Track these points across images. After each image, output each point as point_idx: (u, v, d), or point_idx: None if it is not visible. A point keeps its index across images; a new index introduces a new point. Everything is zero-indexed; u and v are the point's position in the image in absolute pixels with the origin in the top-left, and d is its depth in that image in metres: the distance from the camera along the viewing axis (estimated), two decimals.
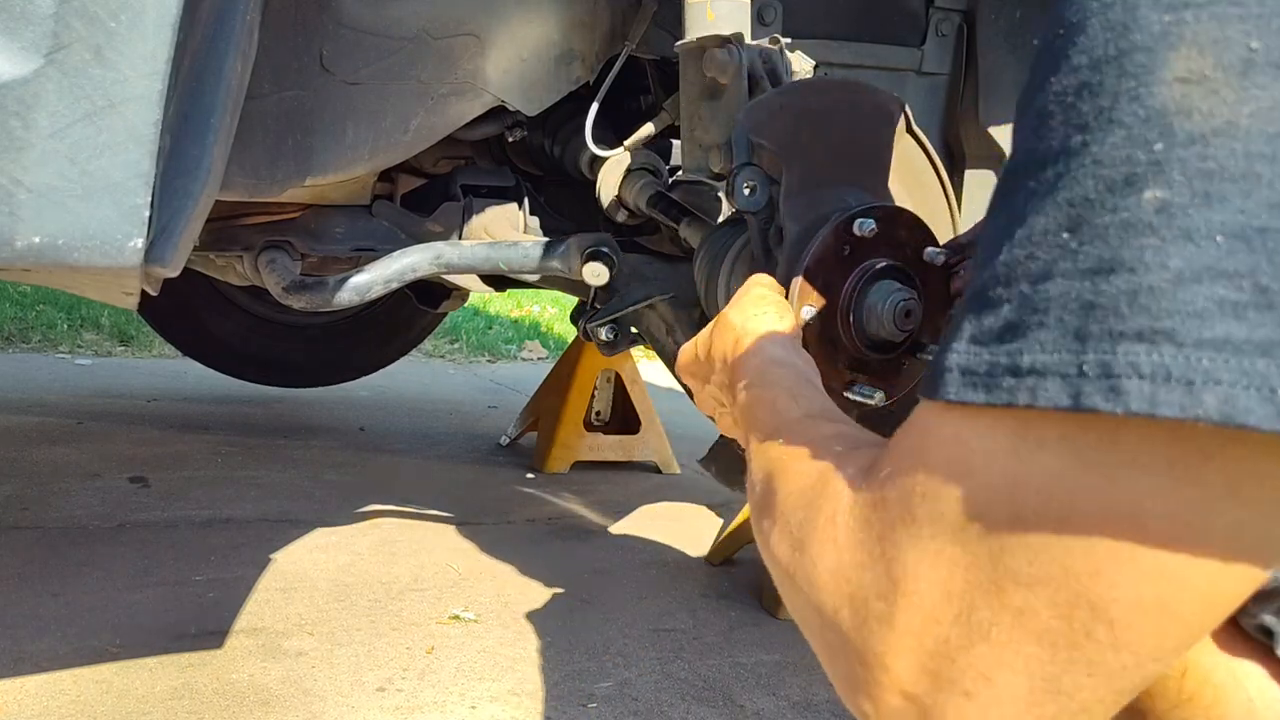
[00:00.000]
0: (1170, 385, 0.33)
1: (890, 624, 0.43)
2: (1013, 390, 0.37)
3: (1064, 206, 0.37)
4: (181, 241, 0.85)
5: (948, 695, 0.41)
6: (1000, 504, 0.39)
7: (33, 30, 0.75)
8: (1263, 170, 0.32)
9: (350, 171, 1.36)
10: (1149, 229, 0.34)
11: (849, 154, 1.08)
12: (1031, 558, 0.38)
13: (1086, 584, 0.37)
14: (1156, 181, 0.34)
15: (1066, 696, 0.39)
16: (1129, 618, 0.37)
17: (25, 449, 2.63)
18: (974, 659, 0.40)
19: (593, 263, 1.43)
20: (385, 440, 3.08)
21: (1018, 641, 0.39)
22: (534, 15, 1.40)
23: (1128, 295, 0.34)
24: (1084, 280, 0.36)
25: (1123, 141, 0.35)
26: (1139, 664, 0.38)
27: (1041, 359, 0.36)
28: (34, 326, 4.25)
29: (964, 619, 0.40)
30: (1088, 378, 0.35)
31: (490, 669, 1.63)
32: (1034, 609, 0.38)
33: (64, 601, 1.73)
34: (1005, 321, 0.38)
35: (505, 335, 5.45)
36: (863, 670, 0.44)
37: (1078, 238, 0.36)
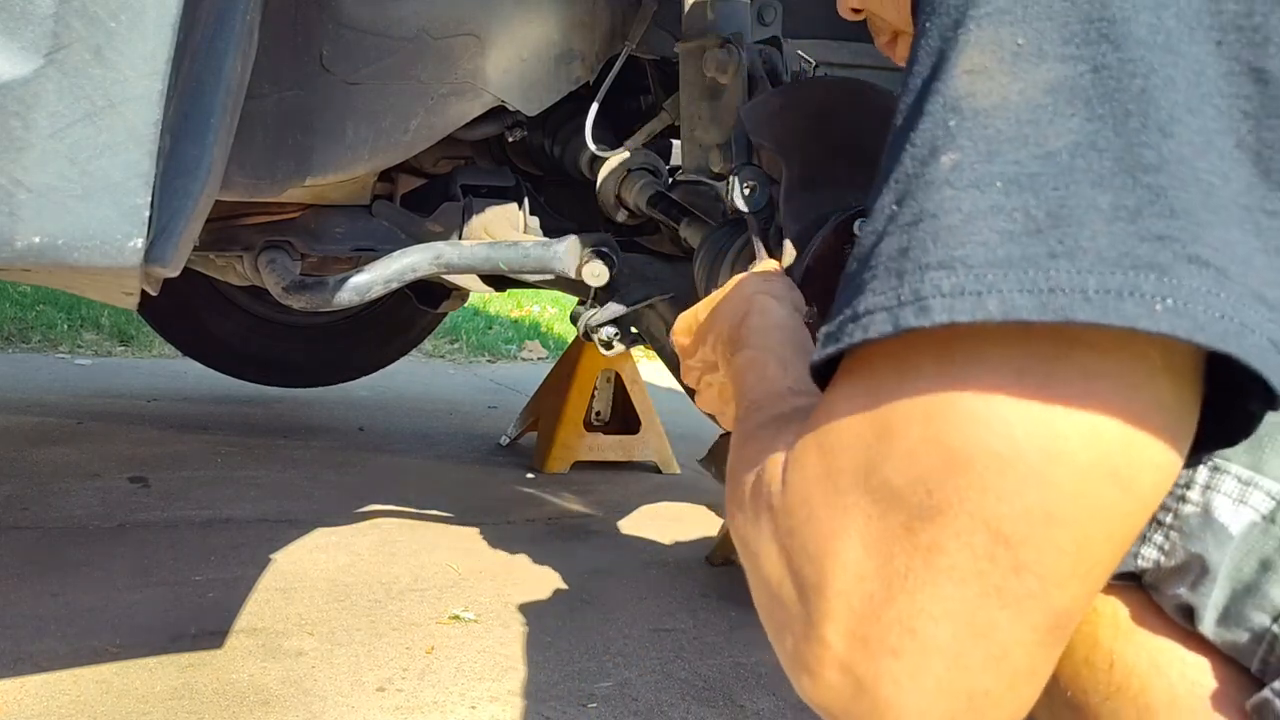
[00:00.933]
0: (964, 297, 0.39)
1: (821, 590, 0.44)
2: (851, 333, 0.43)
3: (892, 186, 0.44)
4: (181, 241, 0.85)
5: (878, 658, 0.42)
6: (887, 444, 0.42)
7: (32, 30, 0.75)
8: (1029, 131, 0.40)
9: (350, 171, 1.36)
10: (946, 183, 0.41)
11: (849, 154, 1.08)
12: (929, 489, 0.41)
13: (977, 503, 0.40)
14: (951, 148, 0.42)
15: (985, 638, 0.41)
16: (1022, 532, 0.39)
17: (25, 449, 2.63)
18: (897, 612, 0.41)
19: (593, 263, 1.43)
20: (385, 440, 3.08)
21: (932, 583, 0.41)
22: (534, 15, 1.40)
23: (931, 235, 0.41)
24: (902, 234, 0.42)
25: (929, 125, 0.43)
26: (1044, 589, 0.40)
27: (872, 301, 0.42)
28: (34, 326, 4.25)
29: (883, 570, 0.42)
30: (904, 305, 0.41)
31: (490, 669, 1.63)
32: (940, 544, 0.40)
33: (64, 601, 1.73)
34: (851, 288, 0.44)
35: (505, 335, 5.45)
36: (803, 645, 0.45)
37: (900, 205, 0.43)
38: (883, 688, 0.42)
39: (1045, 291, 0.38)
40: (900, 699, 0.42)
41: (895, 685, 0.42)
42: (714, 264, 1.24)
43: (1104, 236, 0.38)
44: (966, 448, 0.40)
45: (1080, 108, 0.40)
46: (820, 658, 0.44)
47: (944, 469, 0.40)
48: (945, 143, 0.42)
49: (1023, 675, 0.42)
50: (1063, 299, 0.38)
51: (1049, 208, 0.39)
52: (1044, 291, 0.38)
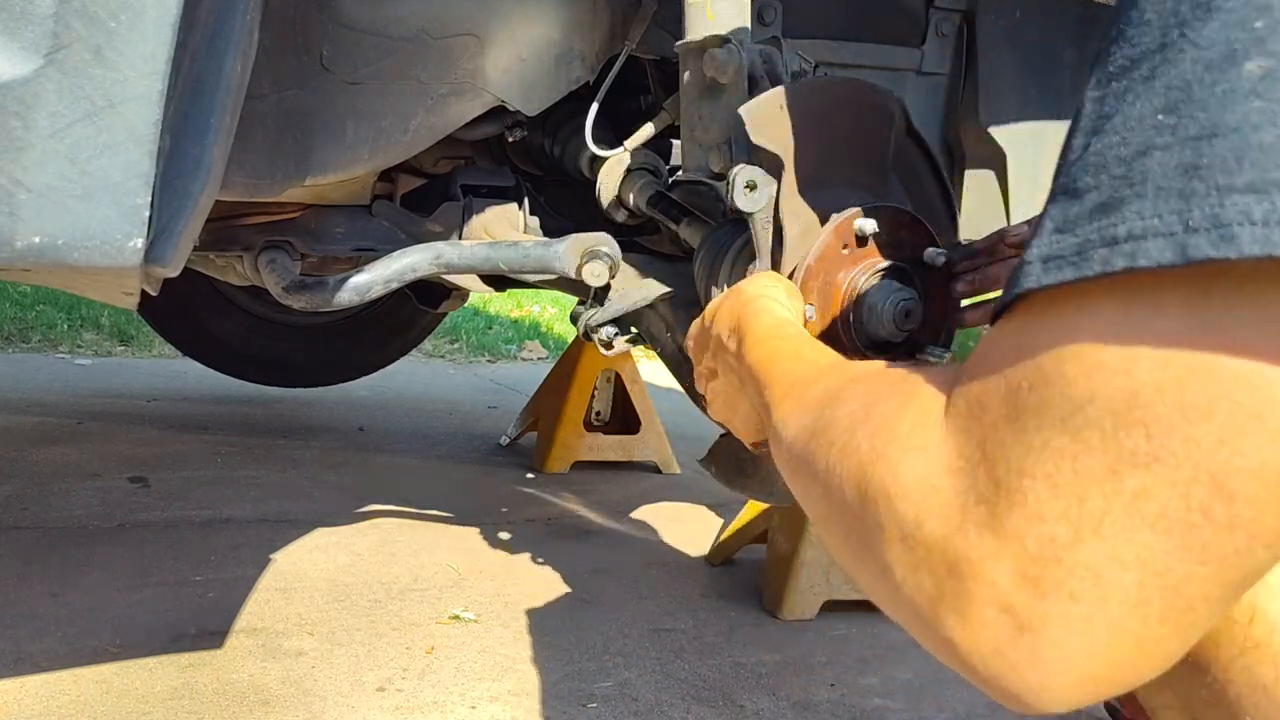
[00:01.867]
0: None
1: (990, 528, 0.41)
2: (1107, 259, 0.37)
3: (1160, 92, 0.37)
4: (181, 241, 0.85)
5: (1051, 601, 0.39)
6: (1113, 381, 0.38)
7: (32, 30, 0.75)
8: None
9: (350, 171, 1.36)
10: (1254, 94, 0.35)
11: (849, 154, 1.08)
12: (1150, 433, 0.37)
13: (1208, 454, 0.36)
14: (1259, 53, 0.35)
15: (1174, 592, 0.38)
16: (1250, 489, 0.36)
17: (25, 449, 2.63)
18: (1083, 556, 0.39)
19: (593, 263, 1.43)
20: (385, 440, 3.08)
21: (1131, 529, 0.38)
22: (534, 15, 1.39)
23: (1235, 153, 0.35)
24: (1185, 148, 0.36)
25: (1222, 26, 0.36)
26: (1250, 549, 0.37)
27: (1140, 224, 0.37)
28: (34, 326, 4.25)
29: (1073, 513, 0.39)
30: (1195, 231, 0.35)
31: (490, 669, 1.63)
32: (1150, 491, 0.37)
33: (64, 601, 1.73)
34: (1095, 204, 0.38)
35: (505, 335, 5.45)
36: (952, 583, 0.42)
37: (1175, 114, 0.37)
38: (1050, 630, 0.40)
39: None
40: (1068, 642, 0.40)
41: (1066, 628, 0.40)
42: (714, 264, 1.24)
43: None
44: (1210, 398, 0.36)
45: None
46: (977, 596, 0.41)
47: (1176, 414, 0.37)
48: (1250, 47, 0.36)
49: (1199, 627, 0.40)
50: None
51: None
52: None
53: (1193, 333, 0.37)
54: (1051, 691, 0.41)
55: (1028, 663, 0.41)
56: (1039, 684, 0.41)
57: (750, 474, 1.26)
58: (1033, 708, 0.42)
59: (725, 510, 2.56)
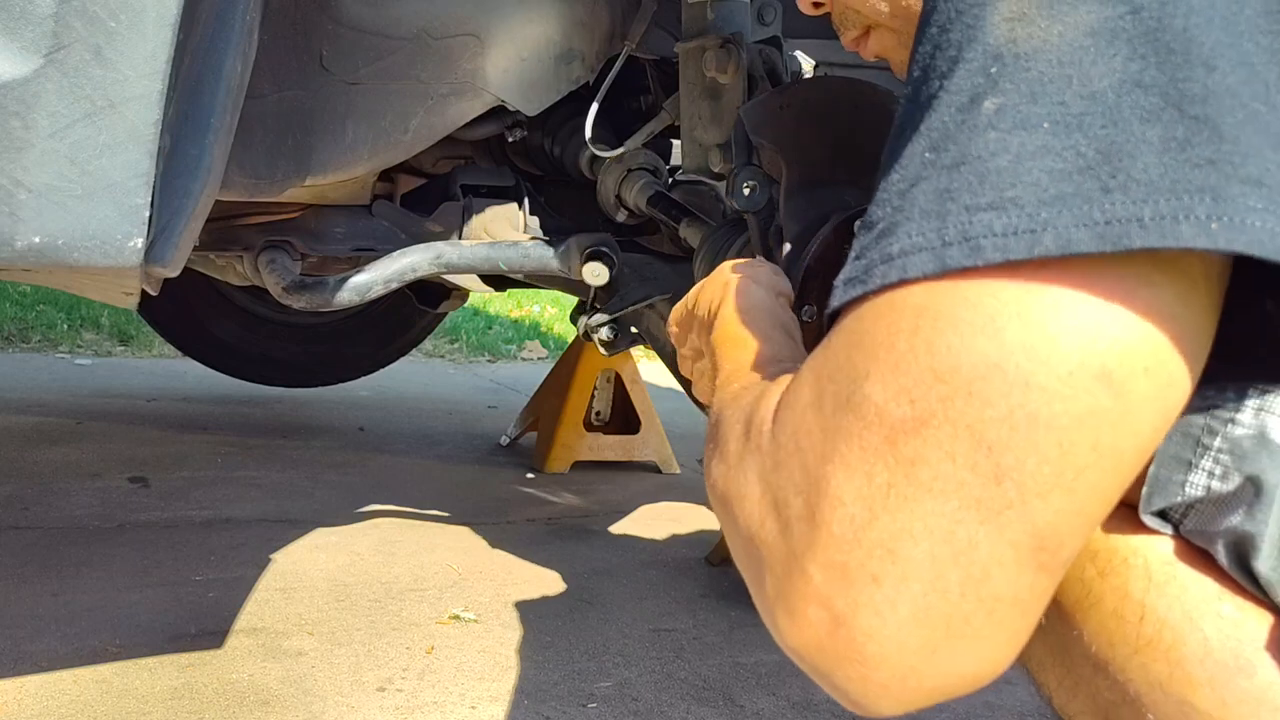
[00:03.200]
0: (1018, 236, 0.39)
1: (807, 519, 0.43)
2: (885, 274, 0.42)
3: (924, 134, 0.44)
4: (182, 241, 0.85)
5: (856, 587, 0.41)
6: (880, 355, 0.42)
7: (32, 30, 0.75)
8: (1072, 73, 0.41)
9: (350, 171, 1.36)
10: (991, 126, 0.41)
11: (849, 154, 1.08)
12: (912, 398, 0.41)
13: (960, 409, 0.40)
14: (994, 93, 0.42)
15: (965, 557, 0.40)
16: (1004, 437, 0.39)
17: (25, 449, 2.63)
18: (877, 533, 0.41)
19: (593, 263, 1.43)
20: (385, 440, 3.08)
21: (914, 498, 0.40)
22: (534, 15, 1.39)
23: (978, 177, 0.41)
24: (941, 176, 0.42)
25: (967, 73, 0.43)
26: (1023, 498, 0.40)
27: (909, 242, 0.42)
28: (34, 326, 4.25)
29: (865, 491, 0.41)
30: (950, 245, 0.41)
31: (490, 669, 1.63)
32: (922, 455, 0.40)
33: (63, 601, 1.73)
34: (879, 231, 0.44)
35: (505, 335, 5.45)
36: (784, 582, 0.44)
37: (937, 151, 0.43)
38: (860, 618, 0.41)
39: (1101, 224, 0.38)
40: (878, 629, 0.41)
41: (874, 614, 0.41)
42: (714, 264, 1.24)
43: (1155, 167, 0.38)
44: (952, 354, 0.40)
45: (1122, 47, 0.40)
46: (801, 592, 0.43)
47: (929, 377, 0.40)
48: (987, 89, 0.42)
49: (1005, 602, 0.41)
50: (1119, 229, 0.38)
51: (1098, 145, 0.39)
52: (1100, 224, 0.38)
53: (938, 302, 0.41)
54: (877, 687, 0.42)
55: (847, 658, 0.42)
56: (862, 680, 0.42)
57: None
58: (869, 709, 0.43)
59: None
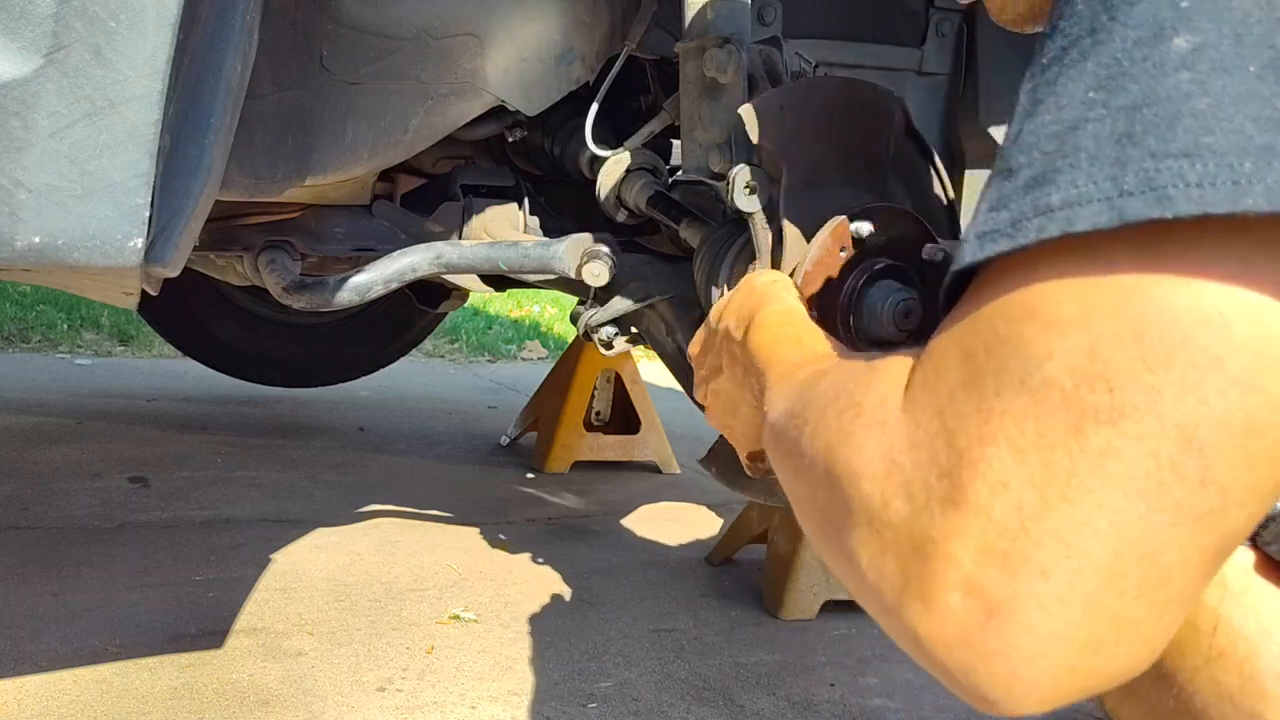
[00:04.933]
0: (1218, 187, 0.34)
1: (954, 502, 0.39)
2: (1043, 227, 0.37)
3: (1091, 71, 0.38)
4: (182, 241, 0.85)
5: (1021, 579, 0.37)
6: (1071, 336, 0.37)
7: (33, 30, 0.75)
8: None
9: (350, 171, 1.36)
10: (1184, 66, 0.36)
11: (849, 154, 1.08)
12: (1111, 386, 0.36)
13: (1173, 406, 0.36)
14: (1187, 29, 0.37)
15: (1150, 560, 0.37)
16: (1218, 441, 0.36)
17: (25, 449, 2.63)
18: (1051, 524, 0.37)
19: (592, 263, 1.43)
20: (385, 440, 3.08)
21: (1100, 490, 0.37)
22: (534, 15, 1.39)
23: (1168, 121, 0.36)
24: (1118, 118, 0.37)
25: (1150, 5, 0.38)
26: (1225, 507, 0.36)
27: (1075, 192, 0.37)
28: (34, 326, 4.25)
29: (1039, 477, 0.37)
30: (1130, 195, 0.36)
31: (490, 669, 1.63)
32: (1117, 448, 0.36)
33: (63, 601, 1.73)
34: (1028, 179, 0.39)
35: (505, 335, 5.45)
36: (917, 565, 0.40)
37: (1106, 90, 0.38)
38: (1022, 611, 0.38)
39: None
40: (1041, 624, 0.37)
41: (1039, 608, 0.37)
42: (714, 264, 1.24)
43: None
44: (1168, 342, 0.35)
45: None
46: (944, 579, 0.39)
47: (1136, 365, 0.36)
48: (1177, 24, 0.37)
49: (1176, 603, 0.38)
50: None
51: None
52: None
53: (1146, 283, 0.36)
54: (1024, 685, 0.39)
55: (997, 652, 0.39)
56: (1010, 676, 0.39)
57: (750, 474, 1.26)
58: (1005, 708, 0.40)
59: (725, 510, 2.56)
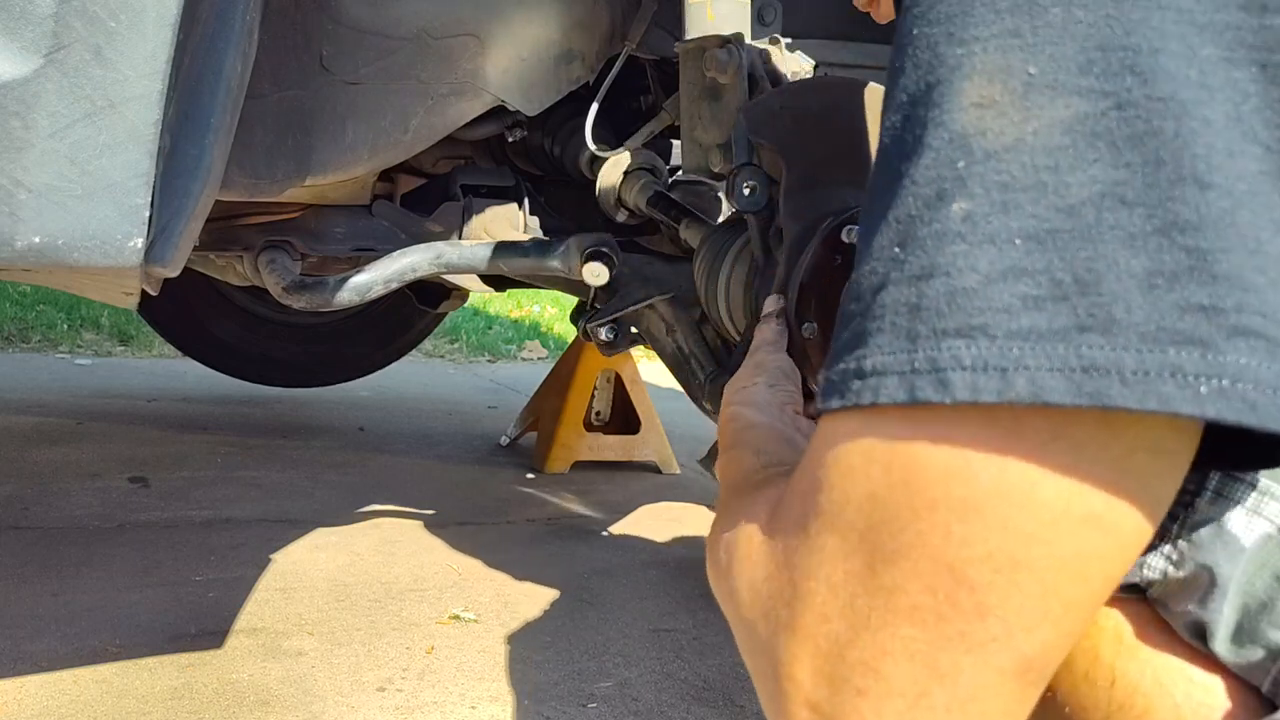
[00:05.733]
0: (988, 374, 0.37)
1: (791, 629, 0.44)
2: (859, 391, 0.41)
3: (893, 224, 0.41)
4: (182, 241, 0.85)
5: (843, 697, 0.42)
6: (859, 484, 0.41)
7: (32, 30, 0.75)
8: (1047, 179, 0.37)
9: (350, 171, 1.36)
10: (958, 236, 0.38)
11: (849, 154, 1.08)
12: (893, 532, 0.40)
13: (941, 547, 0.39)
14: (961, 194, 0.38)
15: (950, 680, 0.40)
16: (986, 578, 0.38)
17: (25, 449, 2.63)
18: (860, 651, 0.41)
19: (593, 263, 1.43)
20: (385, 440, 3.08)
21: (893, 624, 0.40)
22: (534, 15, 1.39)
23: (946, 296, 0.38)
24: (910, 286, 0.39)
25: (932, 163, 0.39)
26: (1009, 633, 0.39)
27: (881, 360, 0.40)
28: (34, 326, 4.25)
29: (847, 610, 0.41)
30: (920, 373, 0.38)
31: (490, 669, 1.63)
32: (901, 585, 0.40)
33: (63, 601, 1.73)
34: (853, 333, 0.42)
35: (505, 335, 5.45)
36: (775, 684, 0.45)
37: (905, 250, 0.40)
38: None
39: (1078, 371, 0.35)
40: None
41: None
42: (714, 264, 1.24)
43: (1139, 309, 0.35)
44: (930, 491, 0.39)
45: (1104, 152, 0.36)
46: (792, 696, 0.44)
47: (907, 512, 0.39)
48: (954, 188, 0.38)
49: (995, 715, 0.41)
50: (1097, 381, 0.35)
51: (1075, 271, 0.36)
52: (1076, 371, 0.35)
53: (913, 439, 0.39)
54: None
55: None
56: None
57: None
58: None
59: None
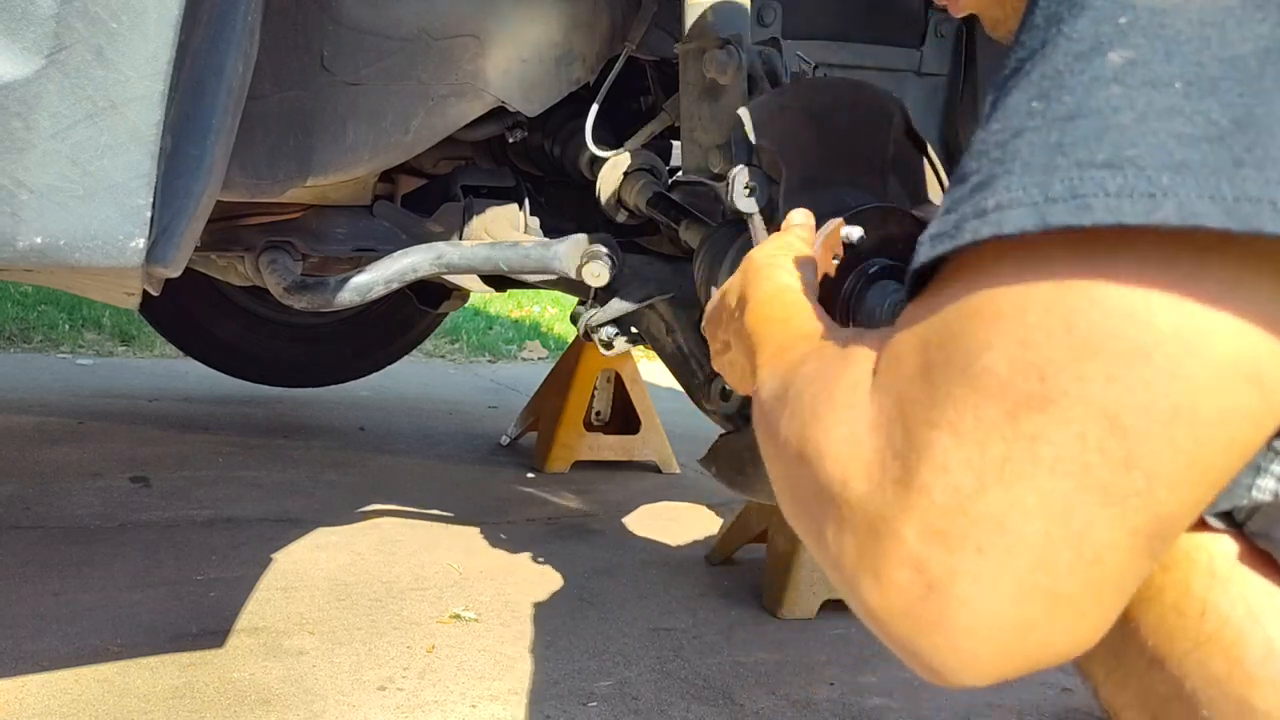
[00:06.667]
0: (1135, 199, 0.37)
1: (904, 484, 0.42)
2: (977, 229, 0.40)
3: (1035, 82, 0.41)
4: (183, 242, 0.86)
5: (958, 556, 0.40)
6: (1008, 329, 0.40)
7: (34, 31, 0.75)
8: (1212, 34, 0.38)
9: (351, 172, 1.37)
10: (1115, 80, 0.39)
11: (849, 154, 1.08)
12: (1043, 375, 0.39)
13: (1099, 392, 0.38)
14: (1122, 44, 0.39)
15: (1079, 539, 0.39)
16: (1142, 425, 0.38)
17: (26, 449, 2.63)
18: (987, 505, 0.39)
19: (593, 263, 1.43)
20: (385, 440, 3.08)
21: (1031, 475, 0.39)
22: (534, 16, 1.40)
23: (1095, 132, 0.38)
24: (1051, 129, 0.40)
25: (1091, 21, 0.40)
26: (1151, 488, 0.38)
27: (1006, 196, 0.40)
28: (35, 326, 4.25)
29: (976, 461, 0.40)
30: (1054, 201, 0.38)
31: (491, 668, 1.63)
32: (1046, 433, 0.39)
33: (65, 601, 1.73)
34: (974, 184, 0.42)
35: (505, 335, 5.45)
36: (870, 542, 0.43)
37: (1046, 101, 0.40)
38: (958, 586, 0.40)
39: (1230, 200, 0.36)
40: (975, 598, 0.40)
41: (973, 583, 0.40)
42: (714, 264, 1.24)
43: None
44: (1097, 334, 0.38)
45: (1272, 12, 0.37)
46: (891, 556, 0.42)
47: (1065, 355, 0.38)
48: (1114, 39, 0.39)
49: (1111, 584, 0.40)
50: (1249, 208, 0.36)
51: (1234, 114, 0.37)
52: (1229, 200, 0.36)
53: (1078, 282, 0.39)
54: (965, 657, 0.41)
55: (936, 625, 0.41)
56: (949, 649, 0.41)
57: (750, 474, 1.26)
58: (951, 679, 0.42)
59: (725, 510, 2.56)
